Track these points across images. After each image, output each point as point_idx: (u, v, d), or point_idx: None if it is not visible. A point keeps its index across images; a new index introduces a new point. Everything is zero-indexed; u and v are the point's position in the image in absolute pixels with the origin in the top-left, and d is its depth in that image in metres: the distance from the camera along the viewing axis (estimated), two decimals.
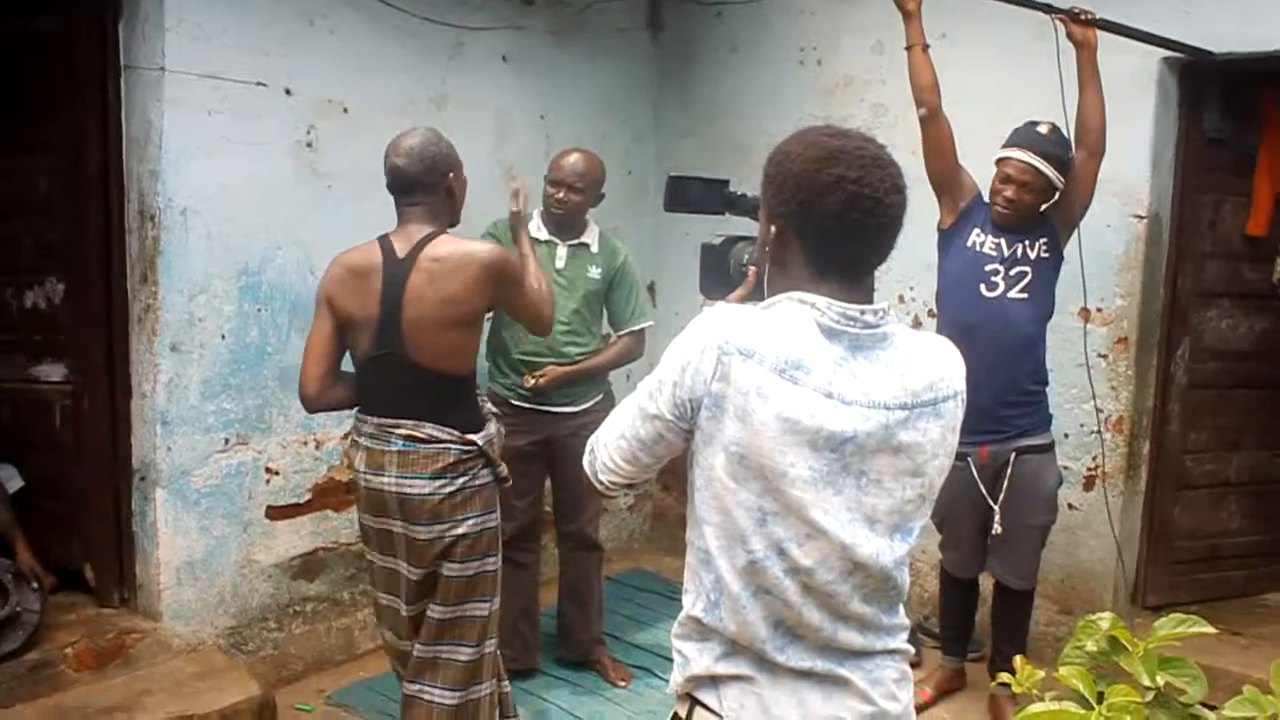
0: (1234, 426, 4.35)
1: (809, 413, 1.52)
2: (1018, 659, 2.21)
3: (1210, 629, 2.02)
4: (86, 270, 3.76)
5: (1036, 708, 1.89)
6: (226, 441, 3.81)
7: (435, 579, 2.94)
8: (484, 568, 2.97)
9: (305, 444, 4.02)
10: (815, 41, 4.71)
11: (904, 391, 1.58)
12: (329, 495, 4.11)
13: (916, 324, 4.47)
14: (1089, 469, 4.08)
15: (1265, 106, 4.16)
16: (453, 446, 2.87)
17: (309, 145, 3.95)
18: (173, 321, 3.64)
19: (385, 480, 2.87)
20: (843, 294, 1.58)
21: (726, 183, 2.19)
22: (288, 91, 3.86)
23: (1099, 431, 4.00)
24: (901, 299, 4.52)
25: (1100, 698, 1.86)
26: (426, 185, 2.90)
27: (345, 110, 4.03)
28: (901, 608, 1.72)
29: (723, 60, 5.01)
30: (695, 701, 1.68)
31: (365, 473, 2.93)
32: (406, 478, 2.85)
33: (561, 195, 3.80)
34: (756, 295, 1.80)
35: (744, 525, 1.57)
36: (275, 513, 3.96)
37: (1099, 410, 3.98)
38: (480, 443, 2.91)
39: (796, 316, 1.57)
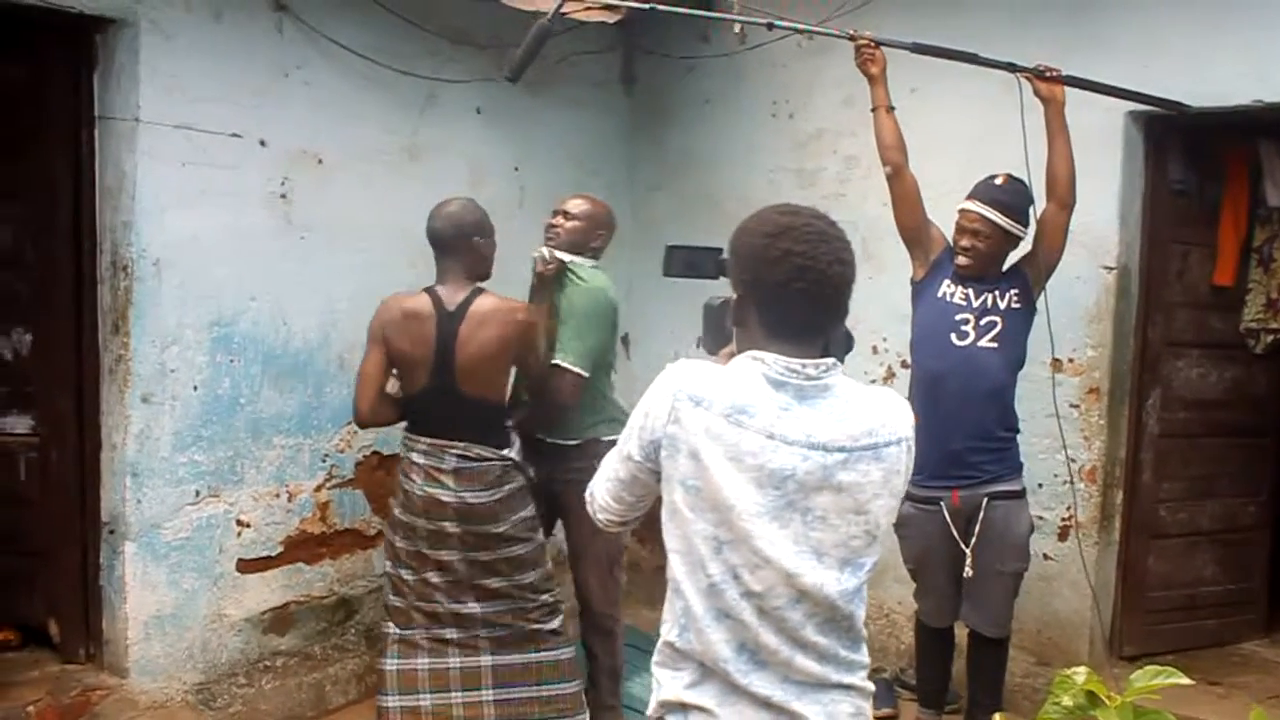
0: (1206, 475, 4.37)
1: (752, 452, 1.71)
2: (997, 716, 2.20)
3: (1186, 680, 2.00)
4: (56, 321, 3.73)
5: None
6: (197, 494, 3.76)
7: (486, 563, 3.47)
8: (529, 545, 3.51)
9: (277, 496, 3.98)
10: (787, 95, 4.77)
11: (843, 435, 1.74)
12: (301, 548, 4.06)
13: (890, 374, 4.49)
14: (1063, 519, 4.09)
15: (1227, 159, 4.23)
16: (495, 464, 3.44)
17: (283, 196, 3.95)
18: (144, 373, 3.61)
19: (443, 492, 3.41)
20: (793, 351, 1.76)
21: (720, 250, 2.24)
22: (262, 143, 3.86)
23: (1072, 481, 4.02)
24: (875, 350, 4.54)
25: None
26: (455, 246, 3.44)
27: (320, 161, 4.04)
28: (864, 646, 1.84)
29: (696, 113, 5.06)
30: None
31: (421, 483, 3.43)
32: (465, 490, 3.40)
33: (555, 220, 3.78)
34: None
35: (703, 552, 1.75)
36: (246, 566, 3.90)
37: (1072, 460, 4.00)
38: (515, 457, 3.49)
39: (747, 370, 1.77)
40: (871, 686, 1.85)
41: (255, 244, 3.87)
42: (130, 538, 3.61)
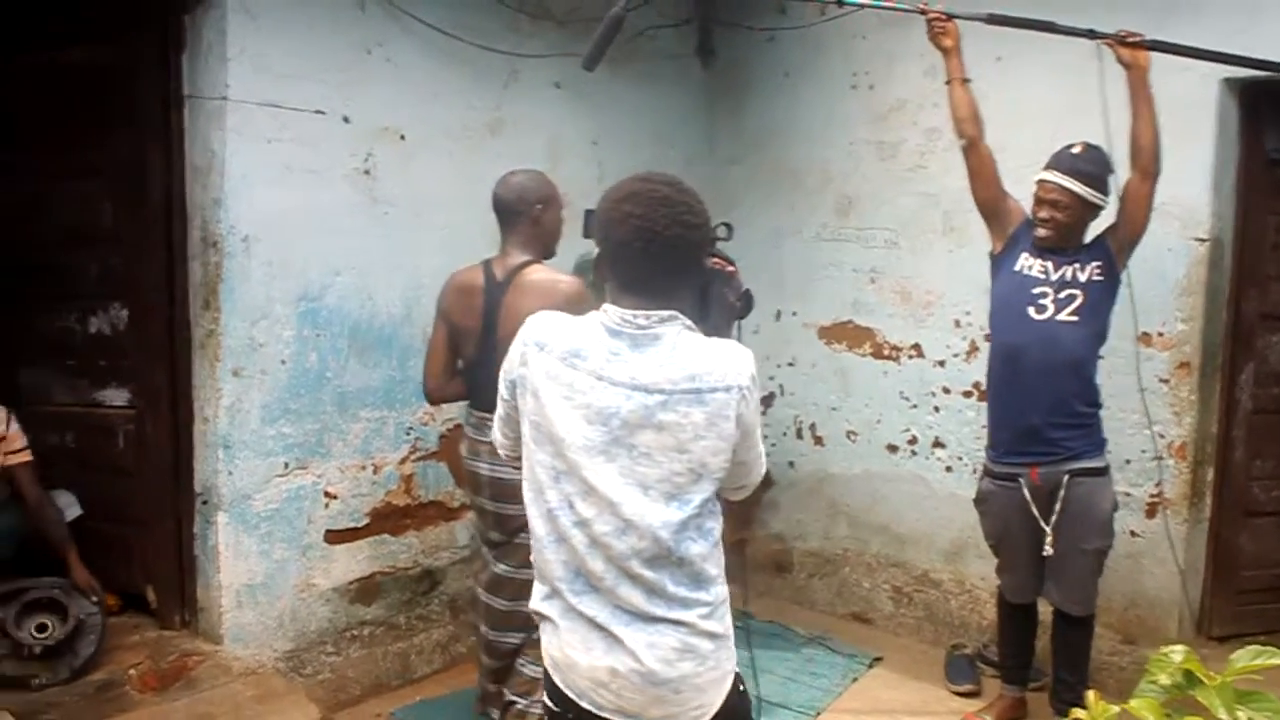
0: None
1: (582, 390, 1.91)
2: (1089, 693, 2.17)
3: None
4: (149, 296, 3.83)
5: None
6: (286, 465, 3.84)
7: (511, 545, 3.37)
8: None
9: (363, 469, 4.05)
10: (867, 66, 4.71)
11: (663, 379, 1.90)
12: (386, 519, 4.14)
13: (973, 348, 4.44)
14: (1151, 495, 4.02)
15: None
16: None
17: (366, 172, 3.99)
18: (234, 347, 3.69)
19: (480, 466, 3.39)
20: (639, 305, 1.94)
21: None
22: (346, 119, 3.91)
23: (1161, 458, 3.94)
24: (958, 324, 4.49)
25: None
26: (516, 212, 3.38)
27: (402, 137, 4.08)
28: (712, 587, 1.97)
29: (775, 86, 5.02)
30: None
31: (466, 457, 3.50)
32: (498, 466, 3.21)
33: None
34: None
35: (543, 480, 1.96)
36: (334, 537, 3.99)
37: (1160, 436, 3.93)
38: None
39: (591, 320, 1.98)
40: (719, 628, 1.98)
41: (340, 219, 3.92)
42: (223, 508, 3.71)
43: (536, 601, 2.03)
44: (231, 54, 3.59)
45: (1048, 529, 3.49)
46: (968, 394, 4.48)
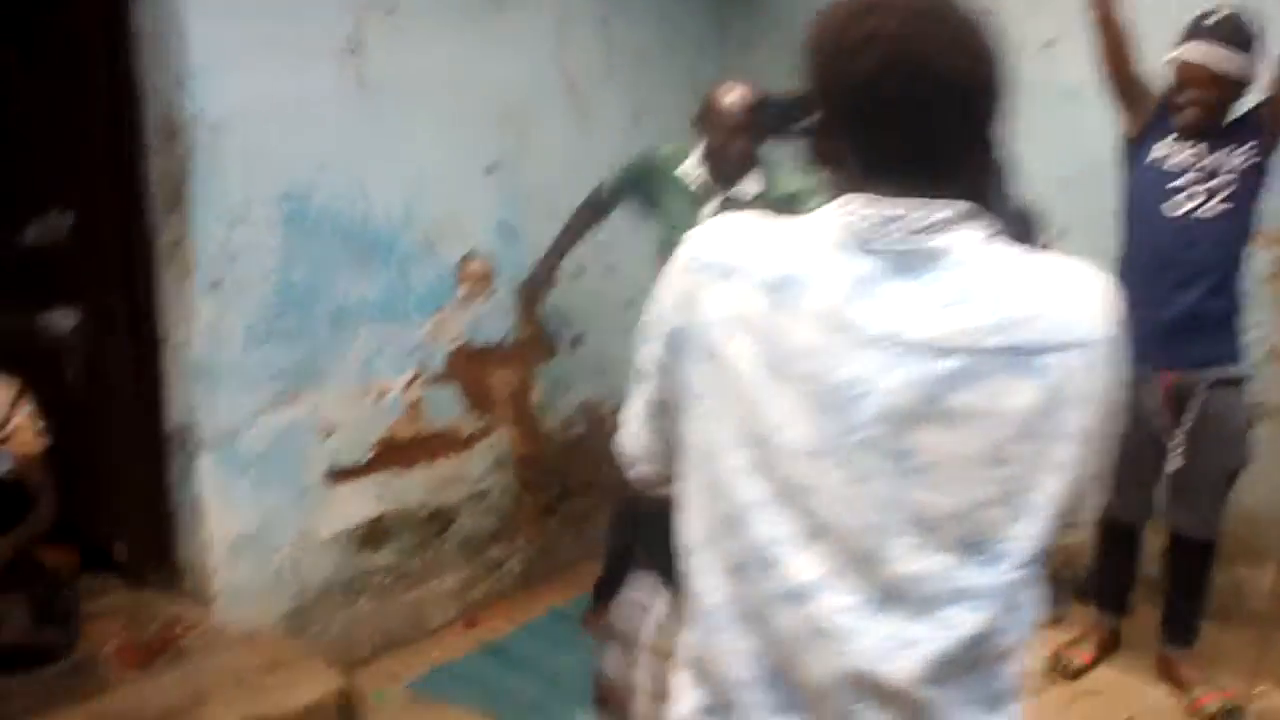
0: None
1: (806, 351, 1.07)
2: None
3: None
4: (99, 197, 3.19)
5: None
6: (276, 396, 3.26)
7: None
8: None
9: (366, 395, 3.47)
10: None
11: (959, 331, 1.04)
12: (394, 453, 3.57)
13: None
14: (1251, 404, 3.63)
15: None
16: None
17: (353, 50, 3.36)
18: (209, 256, 3.08)
19: None
20: (904, 191, 1.08)
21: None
22: None
23: (1263, 364, 3.56)
24: None
25: None
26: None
27: (392, 10, 3.45)
28: (1008, 706, 1.11)
29: None
30: None
31: None
32: None
33: (721, 141, 3.32)
34: None
35: (725, 512, 1.11)
36: (335, 476, 3.42)
37: (1261, 341, 3.54)
38: None
39: (817, 224, 1.11)
40: None
41: (324, 106, 3.30)
42: (205, 449, 3.13)
43: (687, 712, 1.18)
44: None
45: (1176, 440, 3.08)
46: None
